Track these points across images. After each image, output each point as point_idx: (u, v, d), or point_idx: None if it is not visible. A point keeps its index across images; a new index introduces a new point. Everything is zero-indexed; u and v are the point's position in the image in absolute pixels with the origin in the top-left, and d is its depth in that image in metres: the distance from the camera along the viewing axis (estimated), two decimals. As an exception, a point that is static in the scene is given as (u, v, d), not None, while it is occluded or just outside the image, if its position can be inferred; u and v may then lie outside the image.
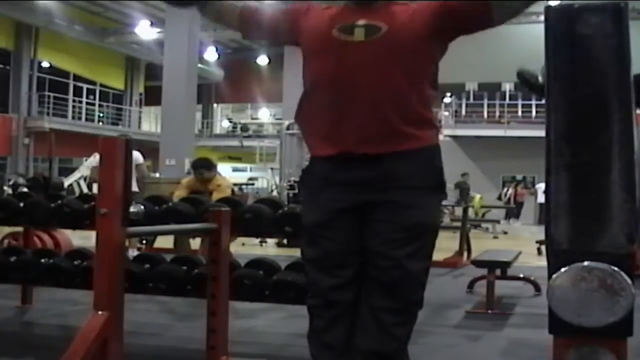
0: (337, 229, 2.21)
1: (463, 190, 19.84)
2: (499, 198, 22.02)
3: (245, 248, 8.88)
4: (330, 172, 2.22)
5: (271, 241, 11.29)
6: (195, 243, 8.05)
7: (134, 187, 8.47)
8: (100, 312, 2.39)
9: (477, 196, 18.43)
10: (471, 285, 6.76)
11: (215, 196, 6.95)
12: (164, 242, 8.90)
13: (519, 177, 22.80)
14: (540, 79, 2.53)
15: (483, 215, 18.36)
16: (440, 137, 2.43)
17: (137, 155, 8.51)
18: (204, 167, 7.04)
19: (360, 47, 2.16)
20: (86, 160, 21.06)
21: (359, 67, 2.15)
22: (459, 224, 10.39)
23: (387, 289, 2.15)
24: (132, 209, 3.67)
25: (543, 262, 2.08)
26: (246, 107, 35.00)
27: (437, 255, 7.78)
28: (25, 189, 9.42)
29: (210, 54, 29.05)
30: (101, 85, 29.87)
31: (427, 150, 2.23)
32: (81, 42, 25.80)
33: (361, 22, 2.18)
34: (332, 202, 2.21)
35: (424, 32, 2.16)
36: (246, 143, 29.63)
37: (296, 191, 13.71)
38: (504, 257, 6.30)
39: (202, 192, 6.73)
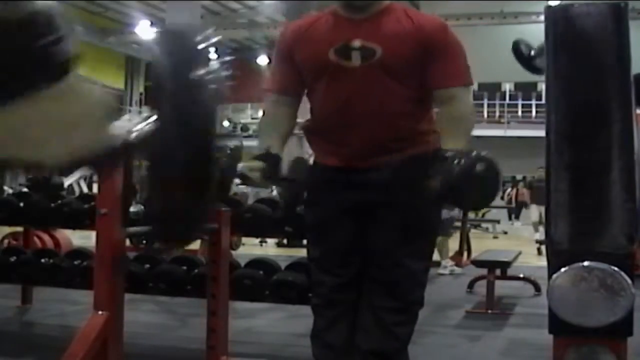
0: (337, 229, 2.22)
1: (538, 190, 13.50)
2: (502, 198, 21.92)
3: (245, 248, 8.88)
4: (333, 174, 2.24)
5: (271, 241, 11.29)
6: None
7: None
8: (100, 312, 2.39)
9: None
10: (471, 285, 6.75)
11: None
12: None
13: (519, 177, 22.79)
14: (533, 53, 2.47)
15: (483, 215, 18.33)
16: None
17: None
18: None
19: (357, 71, 2.15)
20: (86, 160, 21.05)
21: (355, 92, 2.15)
22: (459, 224, 10.39)
23: (387, 289, 2.16)
24: (132, 209, 3.68)
25: (543, 262, 2.08)
26: (246, 107, 35.00)
27: (438, 255, 7.77)
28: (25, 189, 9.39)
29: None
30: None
31: (427, 154, 2.23)
32: (81, 42, 25.74)
33: (357, 43, 2.14)
34: (333, 203, 2.22)
35: (413, 57, 2.15)
36: (246, 143, 29.62)
37: (296, 191, 13.69)
38: (504, 257, 6.30)
39: None
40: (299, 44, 2.25)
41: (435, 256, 7.43)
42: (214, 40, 1.27)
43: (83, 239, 6.23)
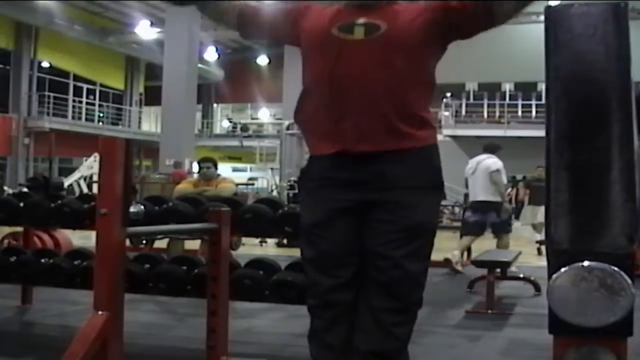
0: (335, 229, 2.21)
1: (536, 189, 12.42)
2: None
3: (245, 248, 8.88)
4: (329, 172, 2.22)
5: (271, 241, 11.30)
6: (190, 243, 8.07)
7: (494, 197, 8.03)
8: (100, 312, 2.39)
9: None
10: (471, 285, 6.76)
11: (222, 185, 7.19)
12: (159, 242, 8.89)
13: (519, 177, 22.81)
14: None
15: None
16: (440, 137, 2.44)
17: (490, 162, 8.12)
18: (209, 161, 7.54)
19: (360, 45, 2.16)
20: (86, 160, 21.07)
21: (357, 65, 2.14)
22: (459, 224, 10.39)
23: (386, 289, 2.15)
24: (132, 209, 3.68)
25: (543, 262, 2.08)
26: (246, 107, 34.98)
27: (437, 255, 7.79)
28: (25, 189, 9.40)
29: (210, 54, 29.03)
30: (101, 85, 29.86)
31: (425, 150, 2.23)
32: (81, 42, 25.80)
33: (361, 20, 2.18)
34: (330, 202, 2.21)
35: (424, 33, 2.17)
36: (246, 143, 29.64)
37: (296, 191, 13.71)
38: (504, 257, 6.31)
39: (205, 190, 6.85)
40: (307, 15, 2.32)
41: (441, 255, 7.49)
42: None
43: (83, 239, 6.23)
